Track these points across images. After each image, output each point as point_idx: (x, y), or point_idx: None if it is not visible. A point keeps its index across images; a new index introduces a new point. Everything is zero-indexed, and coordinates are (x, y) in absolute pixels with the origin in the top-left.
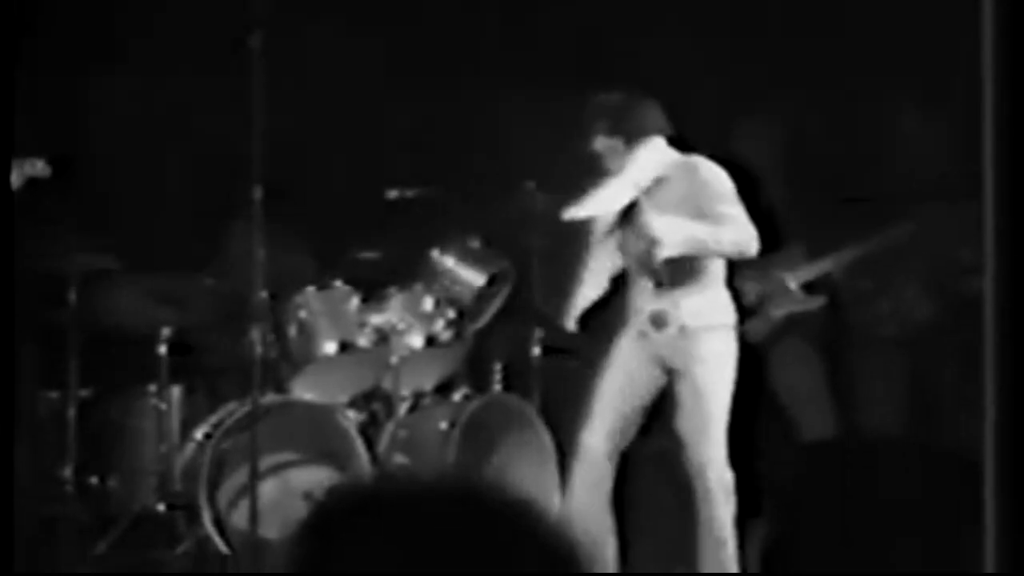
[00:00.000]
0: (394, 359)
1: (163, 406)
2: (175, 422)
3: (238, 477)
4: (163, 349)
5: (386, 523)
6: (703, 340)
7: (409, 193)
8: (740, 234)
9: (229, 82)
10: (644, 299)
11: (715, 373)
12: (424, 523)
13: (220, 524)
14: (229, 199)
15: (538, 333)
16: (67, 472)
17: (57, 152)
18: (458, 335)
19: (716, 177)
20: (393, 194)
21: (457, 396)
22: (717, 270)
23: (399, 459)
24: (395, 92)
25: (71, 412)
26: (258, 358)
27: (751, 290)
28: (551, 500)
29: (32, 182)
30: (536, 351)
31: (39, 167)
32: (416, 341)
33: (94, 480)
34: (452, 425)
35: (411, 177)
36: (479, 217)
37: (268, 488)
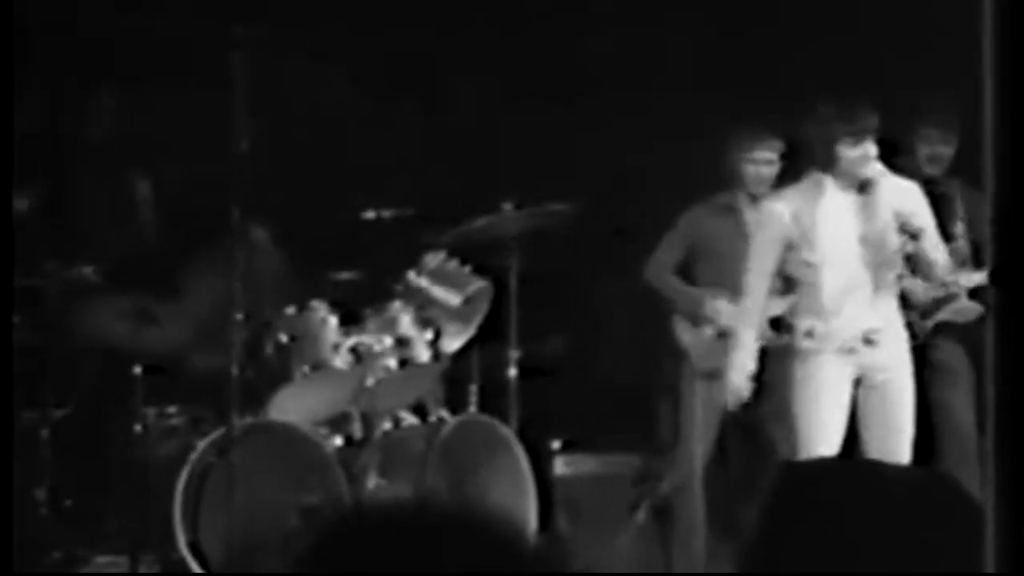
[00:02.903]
0: (370, 380)
1: (138, 426)
2: (151, 442)
3: (214, 498)
4: (139, 369)
5: (362, 545)
6: (903, 351)
7: (386, 213)
8: None
9: (209, 102)
10: (855, 315)
11: (907, 381)
12: (402, 545)
13: (195, 546)
14: (208, 219)
15: (515, 353)
16: (41, 494)
17: (44, 174)
18: (435, 356)
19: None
20: (370, 214)
21: (433, 417)
22: None
23: (376, 481)
24: (372, 112)
25: (45, 432)
26: (235, 379)
27: None
28: (527, 522)
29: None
30: (513, 372)
31: (35, 192)
32: (392, 362)
33: (68, 502)
34: (428, 446)
35: (388, 198)
36: (456, 237)
37: (244, 510)
